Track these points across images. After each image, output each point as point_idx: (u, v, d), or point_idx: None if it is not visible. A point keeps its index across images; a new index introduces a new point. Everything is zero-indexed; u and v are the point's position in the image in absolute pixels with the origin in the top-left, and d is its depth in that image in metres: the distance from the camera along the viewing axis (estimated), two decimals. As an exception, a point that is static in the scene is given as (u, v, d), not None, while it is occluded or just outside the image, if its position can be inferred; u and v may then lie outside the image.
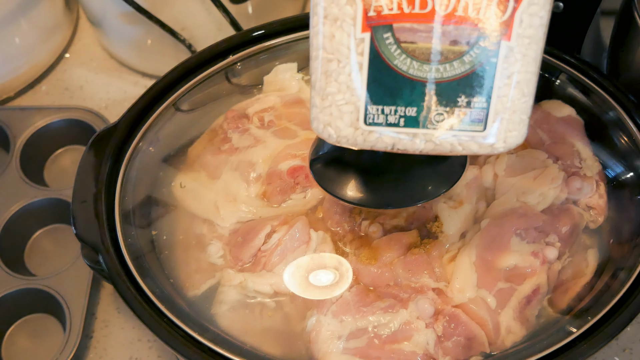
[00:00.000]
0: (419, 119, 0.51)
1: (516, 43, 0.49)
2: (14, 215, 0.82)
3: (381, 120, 0.52)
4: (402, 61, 0.50)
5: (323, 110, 0.52)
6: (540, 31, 0.50)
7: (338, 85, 0.51)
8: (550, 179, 0.67)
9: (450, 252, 0.65)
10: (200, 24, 0.90)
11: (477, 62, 0.50)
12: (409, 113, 0.51)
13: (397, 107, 0.51)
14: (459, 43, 0.49)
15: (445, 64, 0.50)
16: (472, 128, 0.52)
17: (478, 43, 0.49)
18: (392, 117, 0.51)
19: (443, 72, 0.50)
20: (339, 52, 0.50)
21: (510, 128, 0.52)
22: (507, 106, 0.51)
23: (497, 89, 0.50)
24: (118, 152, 0.71)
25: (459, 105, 0.51)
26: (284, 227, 0.66)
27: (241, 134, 0.73)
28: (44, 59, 0.98)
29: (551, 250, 0.64)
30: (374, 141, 0.52)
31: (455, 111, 0.51)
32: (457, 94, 0.51)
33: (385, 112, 0.51)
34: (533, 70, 0.51)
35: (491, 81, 0.50)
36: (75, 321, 0.74)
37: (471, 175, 0.68)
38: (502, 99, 0.51)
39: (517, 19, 0.49)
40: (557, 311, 0.64)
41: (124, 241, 0.66)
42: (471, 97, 0.51)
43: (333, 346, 0.61)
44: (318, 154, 0.63)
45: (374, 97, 0.51)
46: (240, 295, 0.65)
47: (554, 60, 0.74)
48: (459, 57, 0.50)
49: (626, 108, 0.70)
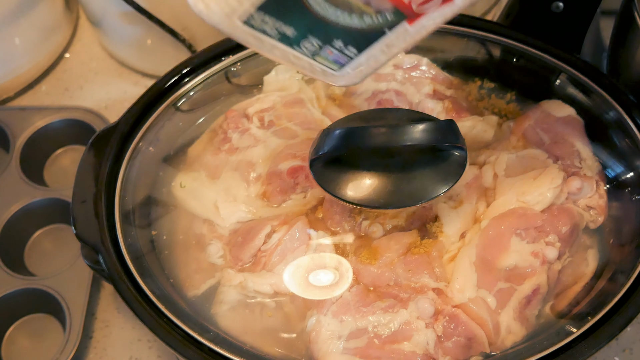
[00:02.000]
0: (291, 39, 0.52)
1: (414, 29, 0.52)
2: (14, 215, 0.82)
3: (257, 25, 0.51)
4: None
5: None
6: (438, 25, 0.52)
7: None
8: (550, 179, 0.67)
9: (450, 252, 0.65)
10: (200, 24, 0.89)
11: (372, 27, 0.52)
12: (286, 31, 0.52)
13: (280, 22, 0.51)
14: (369, 5, 0.50)
15: (345, 14, 0.51)
16: (330, 65, 0.55)
17: (385, 14, 0.51)
18: (268, 27, 0.51)
19: (340, 18, 0.51)
20: None
21: (358, 76, 0.56)
22: (369, 63, 0.54)
23: (371, 50, 0.53)
24: (118, 152, 0.71)
25: (333, 46, 0.53)
26: (284, 227, 0.66)
27: (241, 134, 0.73)
28: (44, 59, 0.98)
29: (551, 250, 0.64)
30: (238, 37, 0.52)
31: (325, 47, 0.53)
32: (337, 37, 0.52)
33: (266, 21, 0.51)
34: (406, 47, 0.54)
35: (372, 43, 0.53)
36: (75, 321, 0.74)
37: (471, 175, 0.68)
38: (369, 58, 0.54)
39: (429, 14, 0.51)
40: (557, 311, 0.64)
41: (124, 241, 0.66)
42: (346, 44, 0.53)
43: (333, 346, 0.61)
44: (318, 154, 0.63)
45: (267, 7, 0.50)
46: (240, 295, 0.65)
47: (554, 60, 0.74)
48: (361, 15, 0.51)
49: (626, 108, 0.70)
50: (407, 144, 0.62)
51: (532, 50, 0.75)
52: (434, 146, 0.63)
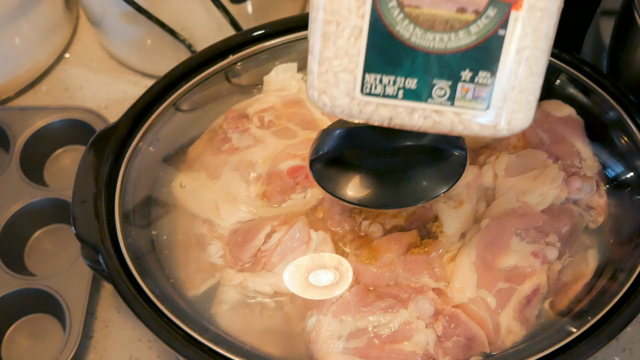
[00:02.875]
0: (418, 92, 0.49)
1: (527, 14, 0.46)
2: (14, 215, 0.82)
3: (379, 91, 0.49)
4: (404, 27, 0.47)
5: (319, 76, 0.49)
6: (554, 4, 0.47)
7: (336, 50, 0.48)
8: (550, 179, 0.67)
9: (450, 252, 0.65)
10: (200, 24, 0.90)
11: (484, 33, 0.47)
12: (409, 85, 0.48)
13: (396, 77, 0.48)
14: (466, 11, 0.46)
15: (451, 33, 0.47)
16: (475, 106, 0.49)
17: (486, 12, 0.46)
18: (390, 88, 0.49)
19: (447, 42, 0.47)
20: (338, 13, 0.47)
21: (515, 109, 0.49)
22: (513, 84, 0.48)
23: (503, 65, 0.47)
24: (118, 152, 0.71)
25: (463, 80, 0.48)
26: (284, 227, 0.66)
27: (241, 134, 0.73)
28: (44, 59, 0.98)
29: (551, 250, 0.64)
30: (370, 113, 0.50)
31: (458, 86, 0.48)
32: (461, 67, 0.48)
33: (384, 82, 0.48)
34: (544, 48, 0.48)
35: (498, 55, 0.47)
36: (75, 321, 0.74)
37: (471, 175, 0.68)
38: (509, 76, 0.48)
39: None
40: (557, 311, 0.64)
41: (124, 241, 0.66)
42: (476, 71, 0.48)
43: (333, 346, 0.61)
44: (318, 154, 0.63)
45: (372, 64, 0.48)
46: (240, 295, 0.65)
47: (554, 60, 0.74)
48: (465, 26, 0.47)
49: (626, 108, 0.70)
50: (407, 144, 0.62)
51: (532, 50, 0.75)
52: (434, 146, 0.63)
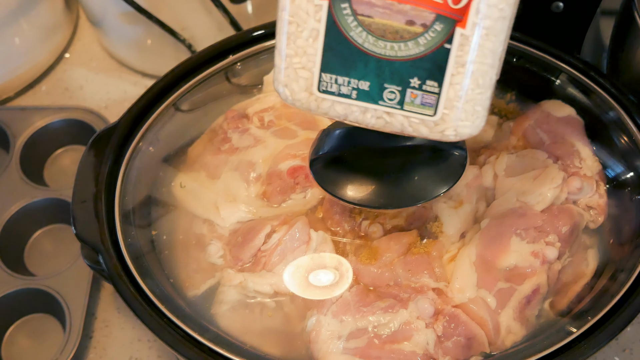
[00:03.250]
0: (371, 94, 0.52)
1: (472, 32, 0.49)
2: (14, 215, 0.82)
3: (334, 90, 0.52)
4: (357, 34, 0.50)
5: (282, 70, 0.53)
6: (500, 24, 0.49)
7: (295, 48, 0.51)
8: (550, 179, 0.67)
9: (450, 252, 0.65)
10: (200, 24, 0.90)
11: (431, 46, 0.49)
12: (362, 87, 0.51)
13: (350, 78, 0.51)
14: (414, 24, 0.49)
15: (400, 43, 0.50)
16: (423, 111, 0.52)
17: (433, 27, 0.49)
18: (344, 88, 0.52)
19: (398, 50, 0.50)
20: (298, 15, 0.51)
21: (462, 117, 0.52)
22: (459, 94, 0.51)
23: (449, 76, 0.50)
24: (118, 152, 0.71)
25: (411, 86, 0.51)
26: (284, 227, 0.66)
27: (241, 134, 0.73)
28: (44, 59, 0.98)
29: (551, 250, 0.64)
30: (326, 109, 0.53)
31: (407, 91, 0.51)
32: (410, 74, 0.51)
33: (339, 82, 0.52)
34: (490, 62, 0.50)
35: (444, 67, 0.50)
36: (75, 321, 0.74)
37: (471, 175, 0.68)
38: (455, 87, 0.50)
39: (473, 7, 0.48)
40: (557, 311, 0.64)
41: (124, 241, 0.66)
42: (423, 80, 0.51)
43: (333, 346, 0.61)
44: (318, 154, 0.63)
45: (328, 65, 0.51)
46: (240, 295, 0.65)
47: (554, 60, 0.74)
48: (414, 37, 0.49)
49: (626, 108, 0.71)
50: (407, 144, 0.62)
51: (532, 50, 0.75)
52: (434, 146, 0.63)
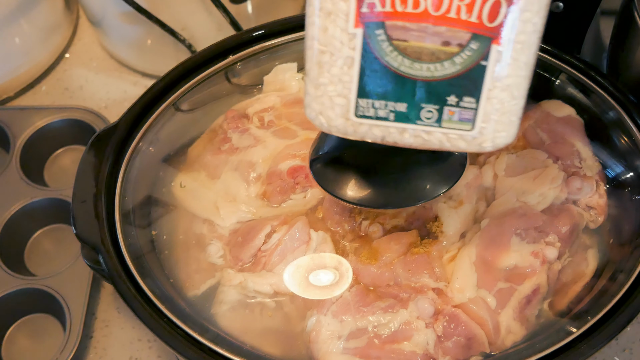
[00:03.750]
0: (408, 114, 0.52)
1: (507, 47, 0.49)
2: (14, 215, 0.82)
3: (371, 114, 0.52)
4: (393, 58, 0.50)
5: (316, 99, 0.52)
6: (533, 37, 0.49)
7: (330, 77, 0.51)
8: (550, 179, 0.67)
9: (450, 252, 0.65)
10: (200, 24, 0.90)
11: (468, 64, 0.50)
12: (399, 108, 0.52)
13: (387, 102, 0.51)
14: (450, 44, 0.49)
15: (437, 64, 0.50)
16: (461, 127, 0.52)
17: (469, 46, 0.49)
18: (382, 111, 0.52)
19: (434, 71, 0.50)
20: (331, 45, 0.50)
21: (499, 129, 0.52)
22: (496, 108, 0.51)
23: (486, 91, 0.51)
24: (118, 152, 0.71)
25: (449, 104, 0.51)
26: (284, 227, 0.66)
27: (241, 134, 0.73)
28: (44, 59, 0.98)
29: (551, 250, 0.64)
30: (363, 133, 0.53)
31: (444, 109, 0.51)
32: (447, 93, 0.51)
33: (376, 106, 0.52)
34: (524, 74, 0.51)
35: (481, 83, 0.50)
36: (75, 321, 0.74)
37: (471, 175, 0.68)
38: (492, 101, 0.51)
39: (508, 24, 0.48)
40: (557, 311, 0.64)
41: (124, 241, 0.66)
42: (461, 97, 0.51)
43: (333, 346, 0.61)
44: (318, 154, 0.63)
45: (364, 90, 0.51)
46: (240, 295, 0.65)
47: (554, 60, 0.74)
48: (450, 57, 0.50)
49: (626, 108, 0.70)
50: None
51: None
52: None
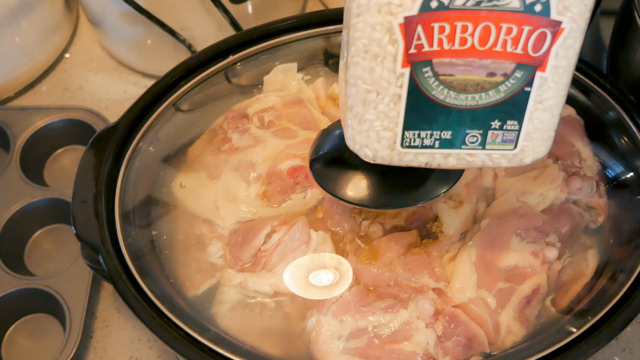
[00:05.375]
0: (453, 141, 0.53)
1: (550, 74, 0.50)
2: (14, 215, 0.82)
3: (417, 143, 0.53)
4: (439, 91, 0.51)
5: (360, 133, 0.53)
6: (573, 60, 0.51)
7: (376, 113, 0.52)
8: (550, 179, 0.67)
9: (450, 252, 0.65)
10: (200, 24, 0.90)
11: (512, 91, 0.51)
12: (444, 136, 0.53)
13: (432, 131, 0.53)
14: (495, 75, 0.50)
15: (481, 93, 0.51)
16: (504, 147, 0.54)
17: (514, 74, 0.50)
18: (427, 140, 0.53)
19: (478, 100, 0.51)
20: (378, 84, 0.51)
21: (538, 144, 0.54)
22: (537, 127, 0.53)
23: (529, 113, 0.52)
24: (118, 152, 0.71)
25: (493, 128, 0.53)
26: (284, 227, 0.66)
27: (241, 134, 0.73)
28: (44, 59, 0.98)
29: (551, 250, 0.64)
30: (409, 160, 0.54)
31: (488, 133, 0.53)
32: (491, 118, 0.52)
33: (422, 136, 0.53)
34: (563, 94, 0.52)
35: (524, 107, 0.52)
36: (75, 321, 0.74)
37: (471, 175, 0.68)
38: (534, 122, 0.52)
39: (552, 53, 0.49)
40: (557, 311, 0.64)
41: (124, 241, 0.66)
42: (504, 121, 0.52)
43: (333, 346, 0.61)
44: (318, 154, 0.63)
45: (411, 123, 0.52)
46: (240, 295, 0.65)
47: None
48: (495, 87, 0.51)
49: (626, 108, 0.71)
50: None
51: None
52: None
